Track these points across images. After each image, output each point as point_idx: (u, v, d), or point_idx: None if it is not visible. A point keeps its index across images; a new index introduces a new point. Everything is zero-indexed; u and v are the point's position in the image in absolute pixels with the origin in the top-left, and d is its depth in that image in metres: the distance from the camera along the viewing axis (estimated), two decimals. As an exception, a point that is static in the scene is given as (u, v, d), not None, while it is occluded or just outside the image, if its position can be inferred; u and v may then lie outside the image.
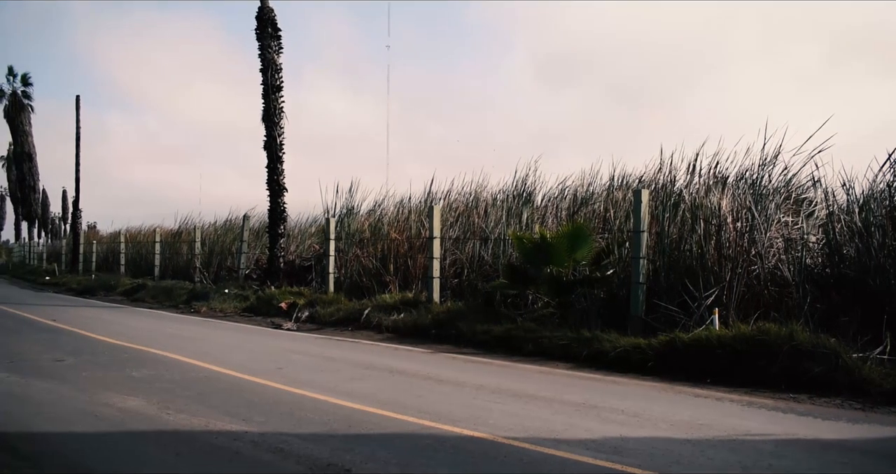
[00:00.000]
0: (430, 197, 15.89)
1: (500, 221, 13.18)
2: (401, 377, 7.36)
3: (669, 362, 7.64)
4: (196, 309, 15.68)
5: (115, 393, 6.39)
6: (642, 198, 9.31)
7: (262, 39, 17.10)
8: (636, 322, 9.02)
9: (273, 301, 14.41)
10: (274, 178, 16.99)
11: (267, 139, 17.05)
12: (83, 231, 33.80)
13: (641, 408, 5.90)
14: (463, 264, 13.14)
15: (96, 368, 7.72)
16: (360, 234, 15.67)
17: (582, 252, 9.82)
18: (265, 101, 17.13)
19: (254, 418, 5.48)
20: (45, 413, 5.66)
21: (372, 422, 5.36)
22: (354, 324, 11.92)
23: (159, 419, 5.45)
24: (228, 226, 22.98)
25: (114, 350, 9.14)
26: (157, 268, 23.07)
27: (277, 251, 16.94)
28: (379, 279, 14.09)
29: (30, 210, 53.29)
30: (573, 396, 6.37)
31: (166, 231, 25.81)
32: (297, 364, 8.23)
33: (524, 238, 10.36)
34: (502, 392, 6.57)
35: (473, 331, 9.89)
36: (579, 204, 12.90)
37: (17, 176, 52.16)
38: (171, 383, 6.89)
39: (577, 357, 8.42)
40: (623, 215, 11.16)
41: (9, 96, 47.63)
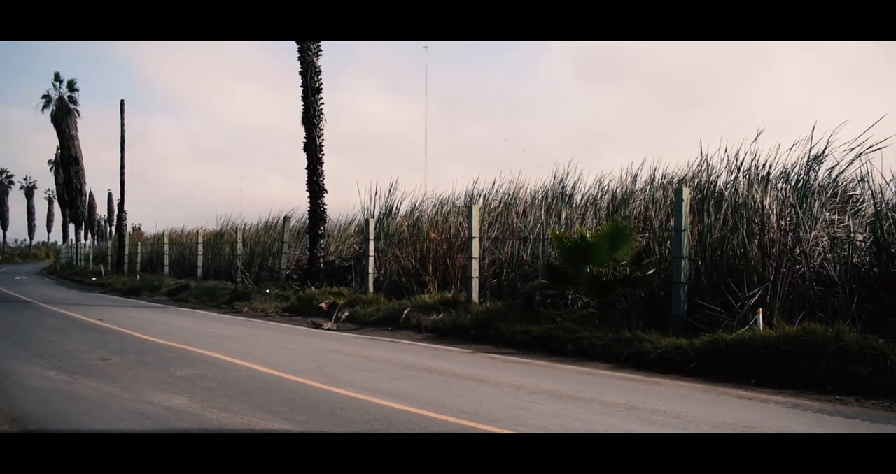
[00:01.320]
0: (468, 197, 15.90)
1: (538, 221, 13.12)
2: (440, 377, 7.38)
3: (712, 363, 7.53)
4: (238, 309, 15.88)
5: (160, 391, 6.50)
6: (683, 197, 9.19)
7: (301, 42, 17.25)
8: (678, 322, 8.92)
9: (313, 301, 14.53)
10: (314, 180, 17.13)
11: (307, 141, 17.21)
12: (128, 232, 34.47)
13: (684, 410, 5.83)
14: (502, 264, 13.10)
15: (141, 367, 7.86)
16: (398, 235, 15.73)
17: (622, 251, 9.73)
18: (305, 103, 17.29)
19: (295, 417, 5.53)
20: (92, 411, 5.78)
21: (412, 422, 5.38)
22: (394, 324, 11.96)
23: (203, 417, 5.53)
24: (269, 227, 23.21)
25: (158, 349, 9.30)
26: (200, 268, 23.40)
27: (317, 251, 17.07)
28: (418, 279, 14.13)
29: (77, 212, 54.45)
30: (614, 397, 6.32)
31: (208, 232, 26.18)
32: (338, 363, 8.28)
33: (564, 237, 10.30)
34: (542, 392, 6.54)
35: (513, 331, 9.86)
36: (619, 203, 12.79)
37: (65, 179, 53.37)
38: (214, 382, 6.99)
39: (617, 357, 8.35)
40: (664, 214, 11.03)
41: (56, 101, 48.72)
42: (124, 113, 32.21)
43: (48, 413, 5.72)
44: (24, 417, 5.55)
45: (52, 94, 48.86)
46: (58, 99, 48.85)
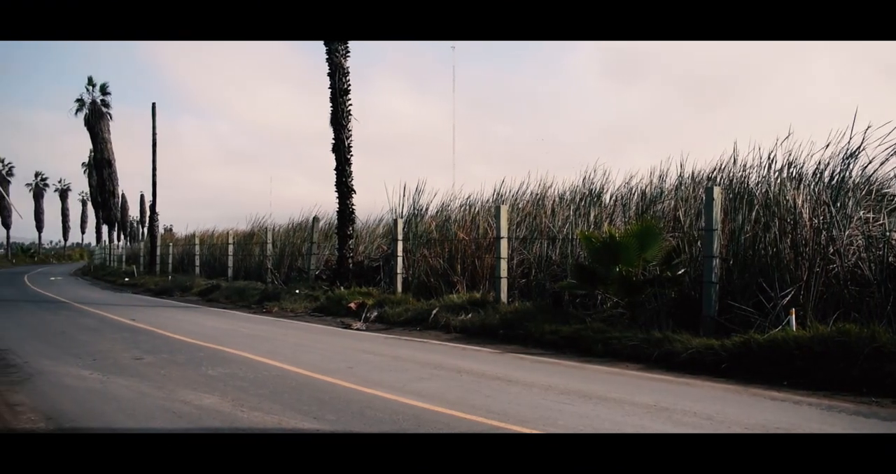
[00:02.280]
0: (496, 197, 15.87)
1: (567, 221, 13.06)
2: (469, 377, 7.37)
3: (744, 364, 7.44)
4: (268, 309, 16.00)
5: (192, 390, 6.57)
6: (714, 195, 9.10)
7: (329, 44, 17.33)
8: (708, 322, 8.83)
9: (342, 301, 14.60)
10: (342, 180, 17.20)
11: (335, 142, 17.28)
12: (160, 233, 34.88)
13: (715, 411, 5.77)
14: (530, 264, 13.07)
15: (173, 366, 7.96)
16: (427, 235, 15.74)
17: (652, 251, 9.65)
18: (333, 104, 17.36)
19: (325, 416, 5.57)
20: (126, 409, 5.87)
21: (441, 422, 5.38)
22: (422, 324, 11.98)
23: (234, 416, 5.58)
24: (298, 228, 23.36)
25: (190, 349, 9.41)
26: (231, 269, 23.61)
27: (346, 252, 17.15)
28: (446, 279, 14.13)
29: (109, 214, 55.27)
30: (644, 398, 6.27)
31: (238, 233, 26.41)
32: (367, 363, 8.31)
33: (592, 237, 10.24)
34: (571, 393, 6.51)
35: (542, 331, 9.83)
36: (648, 202, 12.69)
37: (98, 181, 54.22)
38: (244, 381, 7.05)
39: (647, 358, 8.28)
40: (694, 213, 10.93)
41: (89, 105, 49.50)
42: (155, 116, 32.62)
43: (83, 411, 5.81)
44: (59, 415, 5.65)
45: (85, 98, 49.67)
46: (91, 102, 49.63)
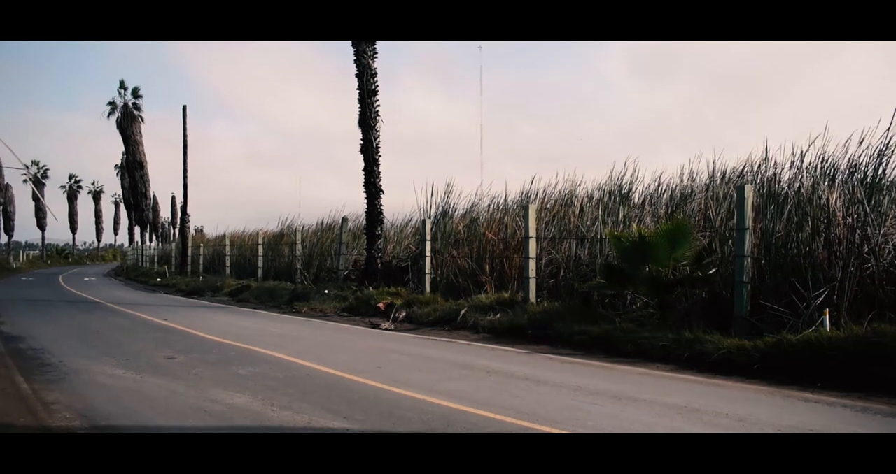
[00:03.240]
0: (524, 196, 15.83)
1: (596, 220, 12.99)
2: (498, 377, 7.36)
3: (776, 365, 7.34)
4: (297, 309, 16.10)
5: (223, 389, 6.64)
6: (746, 194, 8.99)
7: (357, 45, 17.40)
8: (740, 323, 8.73)
9: (371, 301, 14.65)
10: (370, 181, 17.26)
11: (363, 143, 17.35)
12: (191, 234, 35.23)
13: (747, 413, 5.70)
14: (559, 264, 13.01)
15: (205, 366, 8.04)
16: (455, 235, 15.74)
17: (682, 250, 9.56)
18: (361, 105, 17.43)
19: (355, 416, 5.59)
20: (158, 408, 5.95)
21: (470, 422, 5.39)
22: (451, 324, 11.98)
23: (264, 415, 5.63)
24: (327, 229, 23.48)
25: (221, 348, 9.50)
26: (260, 269, 23.81)
27: (374, 252, 17.20)
28: (475, 279, 14.13)
29: (141, 215, 56.01)
30: (675, 399, 6.22)
31: (268, 233, 26.58)
32: (396, 363, 8.34)
33: (622, 237, 10.18)
34: (601, 393, 6.48)
35: (571, 331, 9.79)
36: (678, 201, 12.58)
37: (130, 183, 54.97)
38: (275, 381, 7.11)
39: (677, 358, 8.21)
40: (725, 212, 10.81)
41: (121, 108, 50.20)
42: (186, 118, 32.94)
43: (117, 409, 5.89)
44: (93, 413, 5.74)
45: (117, 101, 50.38)
46: (123, 106, 50.33)
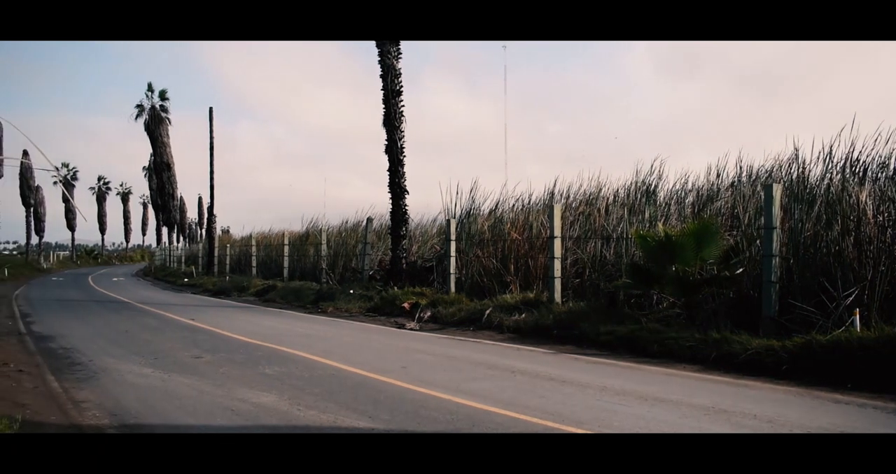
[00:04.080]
0: (549, 196, 15.78)
1: (621, 220, 12.92)
2: (523, 377, 7.35)
3: (805, 365, 7.25)
4: (323, 309, 16.18)
5: (250, 388, 6.69)
6: (773, 193, 8.89)
7: (381, 46, 17.44)
8: (768, 323, 8.63)
9: (396, 301, 14.69)
10: (395, 181, 17.30)
11: (388, 143, 17.39)
12: (217, 235, 35.53)
13: (776, 414, 5.64)
14: (584, 264, 12.96)
15: (232, 365, 8.11)
16: (480, 235, 15.73)
17: (709, 250, 9.48)
18: (385, 105, 17.48)
19: (380, 415, 5.61)
20: (186, 406, 6.00)
21: (495, 422, 5.38)
22: (476, 324, 11.98)
23: (291, 414, 5.67)
24: (352, 229, 23.56)
25: (247, 348, 9.58)
26: (286, 269, 23.93)
27: (399, 252, 17.24)
28: (499, 279, 14.11)
29: (169, 216, 56.53)
30: (702, 400, 6.17)
31: (293, 234, 26.73)
32: (421, 363, 8.35)
33: (648, 236, 10.11)
34: (627, 394, 6.44)
35: (596, 331, 9.74)
36: (705, 200, 12.48)
37: (158, 184, 55.47)
38: (300, 380, 7.15)
39: (704, 359, 8.14)
40: (752, 211, 10.70)
41: (148, 111, 50.65)
42: (212, 120, 33.24)
43: (145, 408, 5.96)
44: (123, 412, 5.81)
45: (144, 104, 50.83)
46: (150, 108, 50.78)
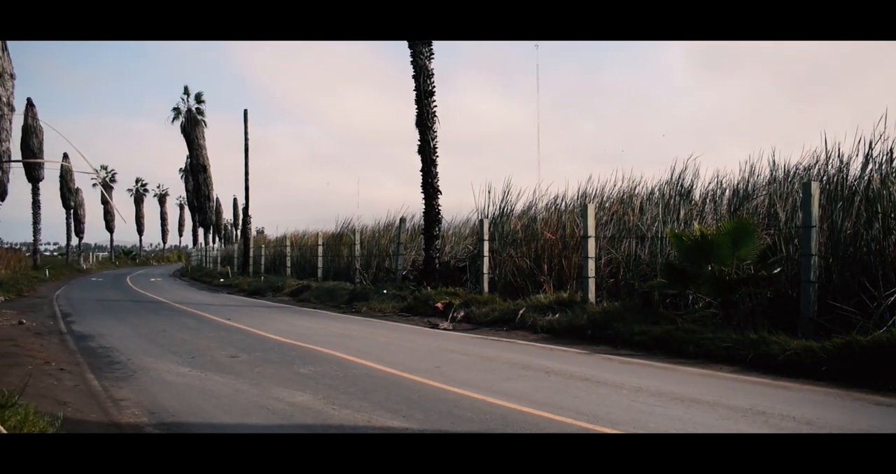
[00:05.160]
0: (582, 195, 15.69)
1: (656, 219, 12.81)
2: (557, 377, 7.31)
3: (845, 367, 7.11)
4: (357, 309, 16.25)
5: (285, 388, 6.75)
6: (812, 191, 8.75)
7: (413, 46, 17.49)
8: (807, 323, 8.49)
9: (429, 301, 14.71)
10: (428, 181, 17.33)
11: (420, 143, 17.43)
12: (252, 236, 35.88)
13: (815, 416, 5.55)
14: (618, 263, 12.87)
15: (267, 364, 8.18)
16: (513, 235, 15.69)
17: (746, 249, 9.36)
18: (418, 106, 17.52)
19: (414, 415, 5.62)
20: (223, 405, 6.07)
21: (529, 422, 5.36)
22: (509, 324, 11.95)
23: (325, 414, 5.70)
24: (385, 229, 23.66)
25: (282, 347, 9.66)
26: (320, 269, 24.07)
27: (433, 252, 17.26)
28: (533, 279, 14.06)
29: (205, 217, 57.19)
30: (739, 401, 6.08)
31: (327, 234, 26.87)
32: (454, 363, 8.35)
33: (683, 236, 10.01)
34: (663, 395, 6.38)
35: (631, 331, 9.66)
36: (741, 198, 12.31)
37: (194, 186, 56.16)
38: (335, 379, 7.19)
39: (742, 360, 8.03)
40: (789, 209, 10.54)
41: (185, 113, 51.33)
42: (247, 122, 33.60)
43: (182, 407, 6.03)
44: (161, 410, 5.89)
45: (181, 107, 51.51)
46: (186, 111, 51.46)
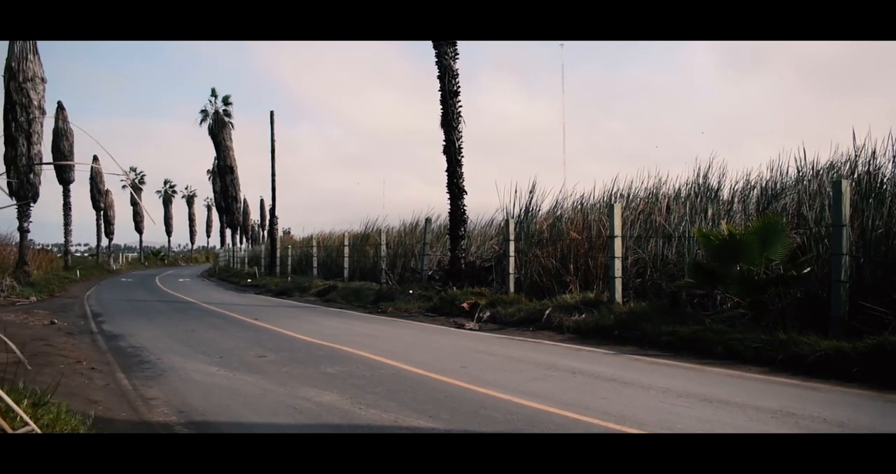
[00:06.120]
0: (608, 195, 15.60)
1: (683, 218, 12.71)
2: (583, 378, 7.29)
3: (877, 368, 7.00)
4: (383, 309, 16.30)
5: (312, 387, 6.79)
6: (842, 190, 8.63)
7: (438, 46, 17.50)
8: (838, 323, 8.38)
9: (455, 301, 14.71)
10: (453, 182, 17.33)
11: (446, 144, 17.43)
12: (279, 236, 36.11)
13: (846, 418, 5.47)
14: (645, 263, 12.78)
15: (294, 364, 8.24)
16: (538, 235, 15.65)
17: (775, 249, 9.25)
18: (443, 106, 17.52)
19: (440, 415, 5.63)
20: (250, 404, 6.12)
21: (555, 423, 5.35)
22: (535, 325, 11.92)
23: (352, 413, 5.73)
24: (410, 229, 23.70)
25: (309, 347, 9.72)
26: (346, 270, 24.16)
27: (458, 252, 17.26)
28: (559, 279, 14.01)
29: (232, 218, 57.70)
30: (768, 402, 6.02)
31: (353, 234, 26.98)
32: (481, 363, 8.35)
33: (711, 235, 9.92)
34: (690, 396, 6.33)
35: (658, 332, 9.60)
36: (769, 197, 12.18)
37: (221, 187, 56.72)
38: (362, 379, 7.22)
39: (771, 360, 7.94)
40: (818, 208, 10.41)
41: (212, 115, 51.85)
42: (273, 124, 33.80)
43: (211, 406, 6.10)
44: (190, 409, 5.96)
45: (208, 109, 52.06)
46: (214, 113, 51.98)
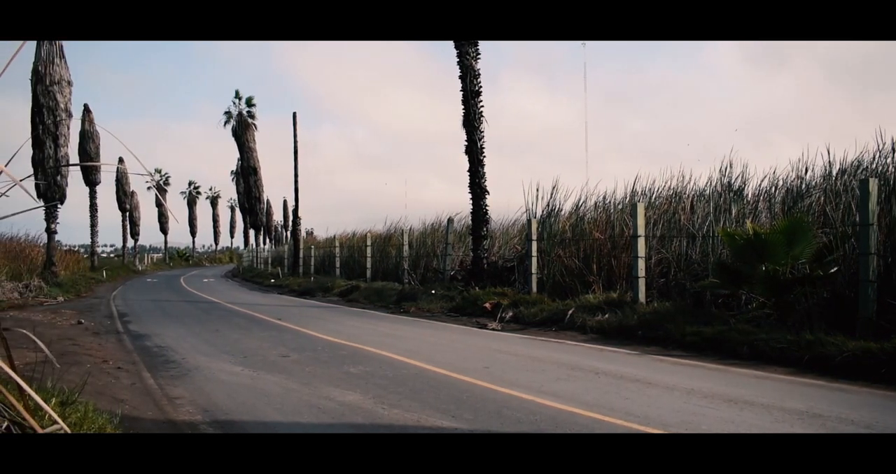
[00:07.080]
0: (631, 194, 15.51)
1: (707, 218, 12.60)
2: (606, 378, 7.25)
3: (906, 368, 6.92)
4: (405, 309, 16.33)
5: (335, 387, 6.82)
6: (870, 189, 8.52)
7: (460, 46, 17.50)
8: (865, 324, 8.27)
9: (477, 301, 14.70)
10: (475, 182, 17.33)
11: (468, 144, 17.43)
12: (302, 237, 36.29)
13: (874, 419, 5.40)
14: (669, 263, 12.70)
15: (317, 364, 8.28)
16: (561, 234, 15.60)
17: (801, 248, 9.15)
18: (465, 106, 17.53)
19: (463, 415, 5.63)
20: (274, 404, 6.16)
21: (578, 424, 5.33)
22: (558, 325, 11.88)
23: (375, 413, 5.75)
24: (432, 230, 23.71)
25: (332, 347, 9.76)
26: (369, 270, 24.21)
27: (480, 252, 17.25)
28: (582, 279, 13.95)
29: (255, 219, 58.07)
30: (795, 404, 5.96)
31: (375, 235, 27.04)
32: (503, 363, 8.34)
33: (735, 235, 9.84)
34: (715, 397, 6.28)
35: (682, 332, 9.53)
36: (795, 196, 12.04)
37: (245, 188, 57.11)
38: (384, 379, 7.24)
39: (797, 361, 7.85)
40: (844, 207, 10.28)
41: (236, 117, 52.26)
42: (296, 125, 33.95)
43: (235, 405, 6.14)
44: (214, 408, 6.00)
45: (232, 111, 52.48)
46: (237, 114, 52.38)
